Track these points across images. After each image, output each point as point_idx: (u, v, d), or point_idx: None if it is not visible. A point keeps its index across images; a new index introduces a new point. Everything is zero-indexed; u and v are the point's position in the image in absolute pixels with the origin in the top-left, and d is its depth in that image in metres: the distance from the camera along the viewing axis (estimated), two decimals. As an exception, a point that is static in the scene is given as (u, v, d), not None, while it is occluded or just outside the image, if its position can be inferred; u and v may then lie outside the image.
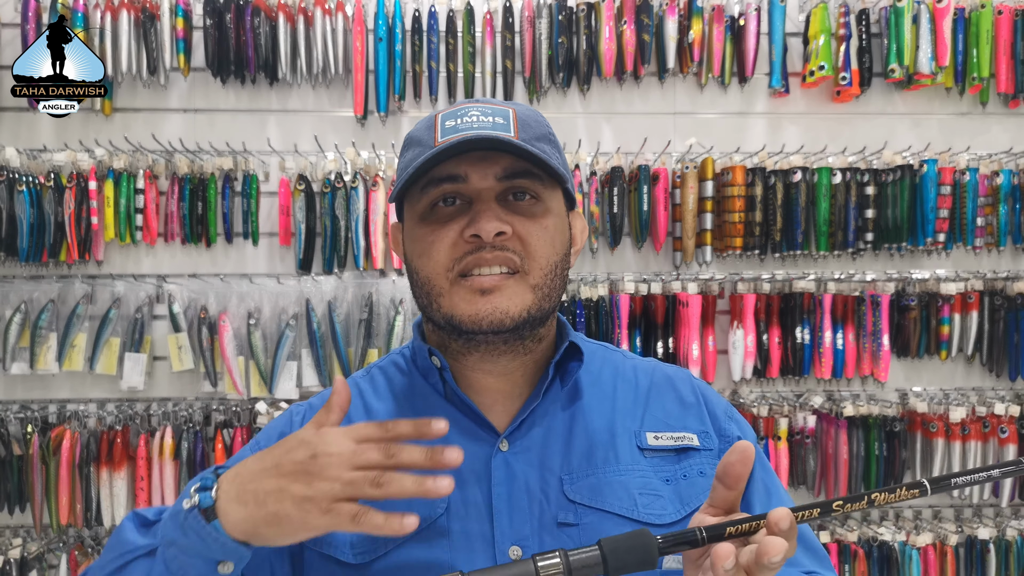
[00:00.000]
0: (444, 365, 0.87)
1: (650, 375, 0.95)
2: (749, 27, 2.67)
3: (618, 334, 2.59)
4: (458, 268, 0.81)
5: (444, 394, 0.88)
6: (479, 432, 0.86)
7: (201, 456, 2.53)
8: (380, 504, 0.79)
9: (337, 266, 2.60)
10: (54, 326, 2.58)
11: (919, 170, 2.66)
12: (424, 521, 0.80)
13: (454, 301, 0.81)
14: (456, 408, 0.87)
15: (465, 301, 0.81)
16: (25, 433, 2.53)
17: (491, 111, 0.83)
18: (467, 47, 2.64)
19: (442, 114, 0.84)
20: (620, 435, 0.88)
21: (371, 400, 0.91)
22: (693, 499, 0.85)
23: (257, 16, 2.55)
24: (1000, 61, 2.71)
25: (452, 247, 0.81)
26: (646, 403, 0.91)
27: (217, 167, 2.60)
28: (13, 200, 2.49)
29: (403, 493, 0.65)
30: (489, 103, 0.85)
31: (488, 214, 0.79)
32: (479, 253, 0.80)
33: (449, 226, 0.81)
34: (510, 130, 0.81)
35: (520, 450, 0.85)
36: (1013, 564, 2.66)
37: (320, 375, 2.61)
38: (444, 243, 0.81)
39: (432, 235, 0.81)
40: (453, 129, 0.81)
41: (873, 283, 2.72)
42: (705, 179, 2.63)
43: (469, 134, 0.79)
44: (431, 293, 0.83)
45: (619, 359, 0.97)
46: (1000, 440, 2.64)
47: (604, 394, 0.91)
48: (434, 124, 0.84)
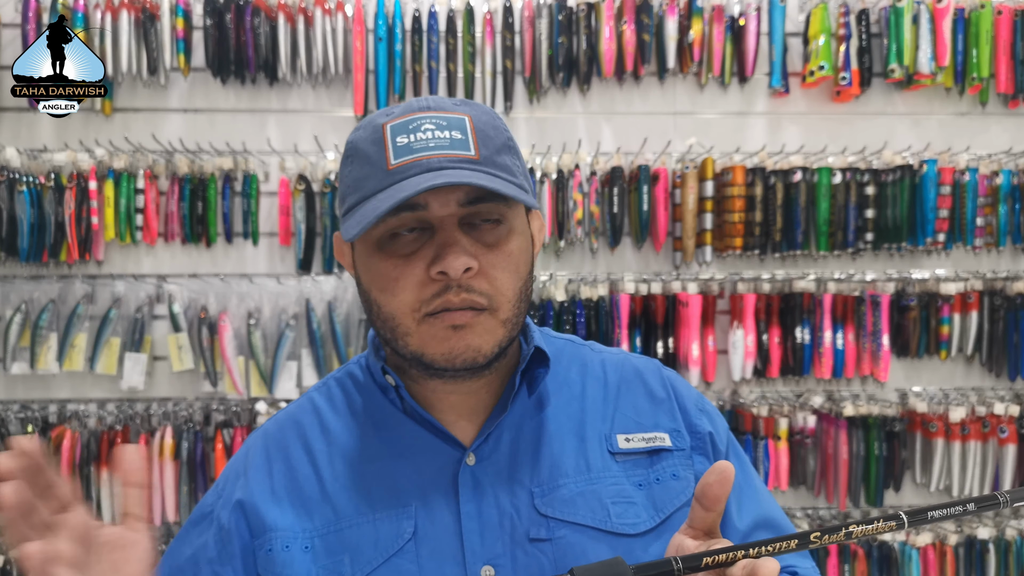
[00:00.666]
0: (399, 383, 0.82)
1: (619, 369, 0.91)
2: (749, 27, 2.67)
3: (618, 334, 2.59)
4: (425, 309, 0.76)
5: (403, 409, 0.84)
6: (443, 447, 0.82)
7: (201, 456, 2.53)
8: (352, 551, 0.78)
9: (337, 266, 2.60)
10: (54, 326, 2.58)
11: (919, 170, 2.66)
12: (391, 547, 0.78)
13: (424, 340, 0.76)
14: (417, 423, 0.83)
15: (436, 340, 0.76)
16: (25, 433, 2.54)
17: (446, 123, 0.76)
18: (467, 47, 2.64)
19: (391, 125, 0.76)
20: (590, 440, 0.84)
21: (328, 418, 0.87)
22: (667, 504, 0.82)
23: (257, 16, 2.55)
24: (1000, 61, 2.71)
25: (418, 286, 0.75)
26: (616, 401, 0.88)
27: (217, 167, 2.60)
28: (13, 200, 2.49)
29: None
30: (442, 111, 0.77)
31: (455, 248, 0.73)
32: (446, 296, 0.74)
33: (413, 262, 0.75)
34: (469, 146, 0.75)
35: (488, 464, 0.81)
36: (1013, 564, 2.66)
37: (320, 375, 2.61)
38: (409, 281, 0.75)
39: (395, 271, 0.76)
40: (407, 148, 0.74)
41: (873, 283, 2.72)
42: (705, 179, 2.63)
43: (425, 156, 0.74)
44: (396, 330, 0.78)
45: (587, 354, 0.93)
46: (1000, 440, 2.65)
47: (572, 395, 0.87)
48: (383, 139, 0.76)
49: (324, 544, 0.79)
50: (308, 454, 0.84)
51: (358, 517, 0.79)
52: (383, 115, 0.79)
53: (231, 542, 0.81)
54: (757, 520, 0.85)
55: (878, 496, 2.66)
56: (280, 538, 0.79)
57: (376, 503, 0.80)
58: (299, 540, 0.79)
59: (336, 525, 0.79)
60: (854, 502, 2.67)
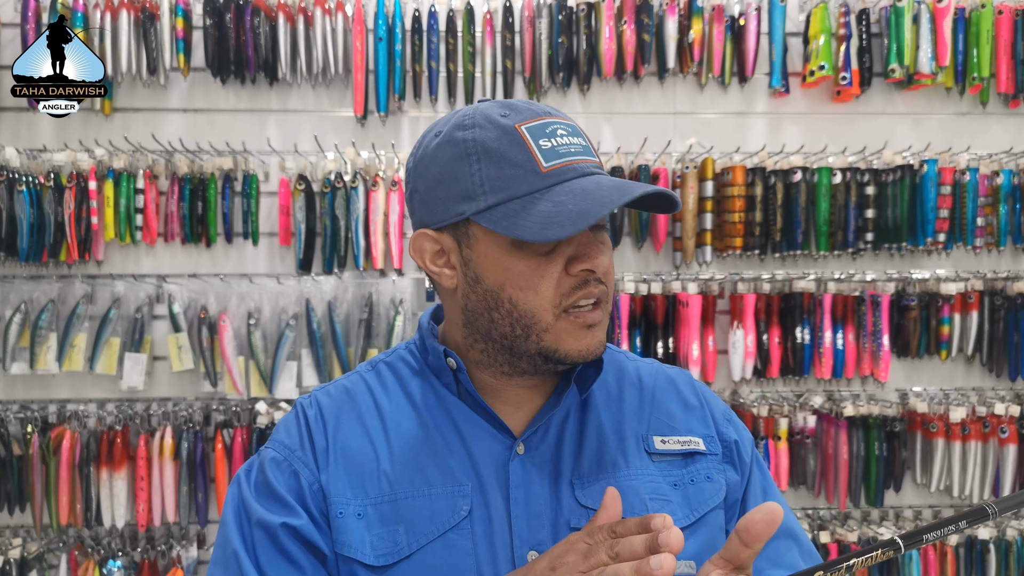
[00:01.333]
0: (460, 367, 0.85)
1: (653, 377, 0.95)
2: (749, 27, 2.67)
3: (618, 334, 2.59)
4: (565, 303, 0.79)
5: (458, 394, 0.87)
6: (495, 434, 0.85)
7: (201, 456, 2.53)
8: (407, 522, 0.80)
9: (337, 266, 2.60)
10: (54, 326, 2.58)
11: (919, 170, 2.65)
12: (448, 522, 0.80)
13: (560, 336, 0.80)
14: (471, 408, 0.86)
15: (573, 337, 0.80)
16: (25, 433, 2.54)
17: (570, 128, 0.80)
18: (467, 47, 2.64)
19: (526, 128, 0.78)
20: (628, 439, 0.88)
21: (380, 396, 0.89)
22: (701, 504, 0.86)
23: (257, 16, 2.55)
24: (1000, 61, 2.71)
25: (558, 282, 0.79)
26: (651, 405, 0.92)
27: (217, 167, 2.60)
28: (13, 200, 2.49)
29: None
30: (561, 116, 0.81)
31: (599, 247, 0.80)
32: (587, 288, 0.79)
33: (553, 260, 0.79)
34: (592, 153, 0.81)
35: (535, 454, 0.85)
36: (1013, 564, 2.66)
37: (320, 375, 2.61)
38: (552, 278, 0.79)
39: (539, 269, 0.79)
40: (554, 152, 0.78)
41: (873, 283, 2.72)
42: (705, 179, 2.63)
43: (574, 161, 0.78)
44: (532, 327, 0.80)
45: (623, 360, 0.97)
46: (1000, 440, 2.64)
47: (611, 397, 0.91)
48: (523, 140, 0.78)
49: (378, 513, 0.81)
50: (362, 426, 0.86)
51: (413, 490, 0.82)
52: (502, 113, 0.80)
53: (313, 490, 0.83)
54: (779, 531, 0.87)
55: (878, 496, 2.66)
56: (334, 504, 0.81)
57: (431, 479, 0.82)
58: (352, 507, 0.81)
59: (391, 496, 0.82)
60: (854, 502, 2.67)
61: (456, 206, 0.80)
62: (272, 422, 2.53)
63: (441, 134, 0.82)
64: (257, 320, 2.58)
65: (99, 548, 2.60)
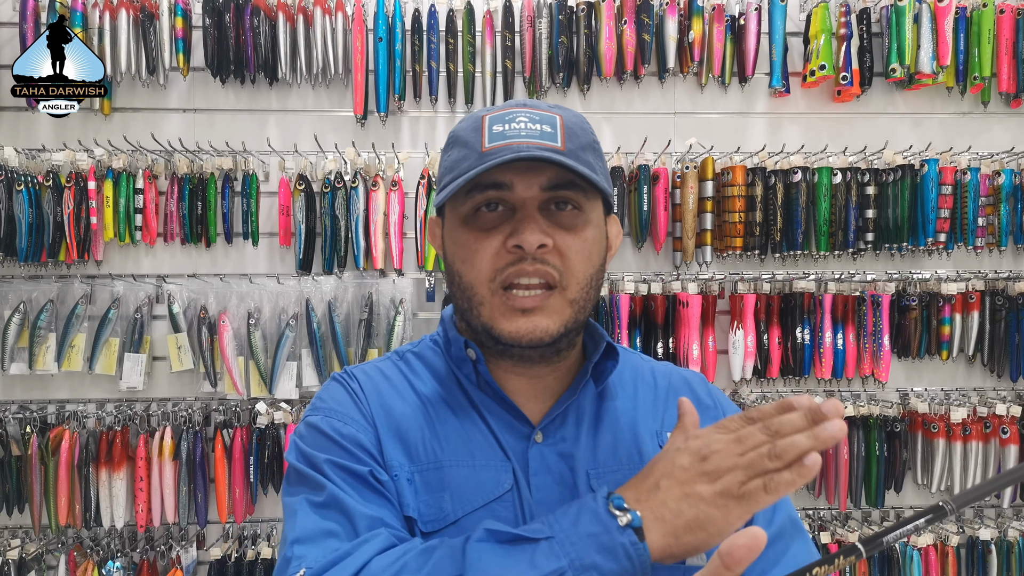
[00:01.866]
0: (480, 357, 0.88)
1: (668, 377, 0.98)
2: (749, 27, 2.66)
3: (618, 334, 2.59)
4: (500, 279, 0.82)
5: (477, 384, 0.90)
6: (514, 423, 0.88)
7: (200, 456, 2.53)
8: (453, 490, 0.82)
9: (337, 266, 2.60)
10: (53, 326, 2.58)
11: (920, 170, 2.65)
12: (493, 492, 0.84)
13: (494, 314, 0.83)
14: (490, 398, 0.90)
15: (505, 317, 0.82)
16: (24, 433, 2.53)
17: (539, 117, 0.83)
18: (467, 47, 2.64)
19: (489, 116, 0.84)
20: (643, 435, 0.90)
21: (414, 381, 0.93)
22: None
23: (257, 16, 2.55)
24: (1001, 60, 2.71)
25: (495, 256, 0.82)
26: (665, 405, 0.94)
27: (217, 167, 2.60)
28: (12, 200, 2.48)
29: (801, 451, 0.65)
30: (537, 108, 0.85)
31: (531, 225, 0.80)
32: (520, 265, 0.81)
33: (492, 235, 0.82)
34: (557, 139, 0.82)
35: (553, 442, 0.87)
36: (1015, 565, 2.66)
37: (320, 375, 2.61)
38: (487, 252, 0.82)
39: (476, 242, 0.83)
40: (500, 135, 0.81)
41: (873, 283, 2.71)
42: (705, 179, 2.62)
43: (516, 142, 0.80)
44: (472, 299, 0.84)
45: (637, 360, 1.00)
46: (1001, 440, 2.64)
47: (627, 394, 0.94)
48: (481, 126, 0.84)
49: (424, 480, 0.84)
50: (401, 400, 0.90)
51: (457, 460, 0.85)
52: (485, 110, 0.87)
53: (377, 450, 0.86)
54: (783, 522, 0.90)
55: (879, 497, 2.66)
56: (390, 467, 0.85)
57: (475, 451, 0.86)
58: (404, 471, 0.85)
59: (436, 463, 0.85)
60: (855, 503, 2.67)
61: (438, 193, 0.87)
62: (272, 422, 2.53)
63: None
64: (257, 320, 2.58)
65: (98, 549, 2.59)
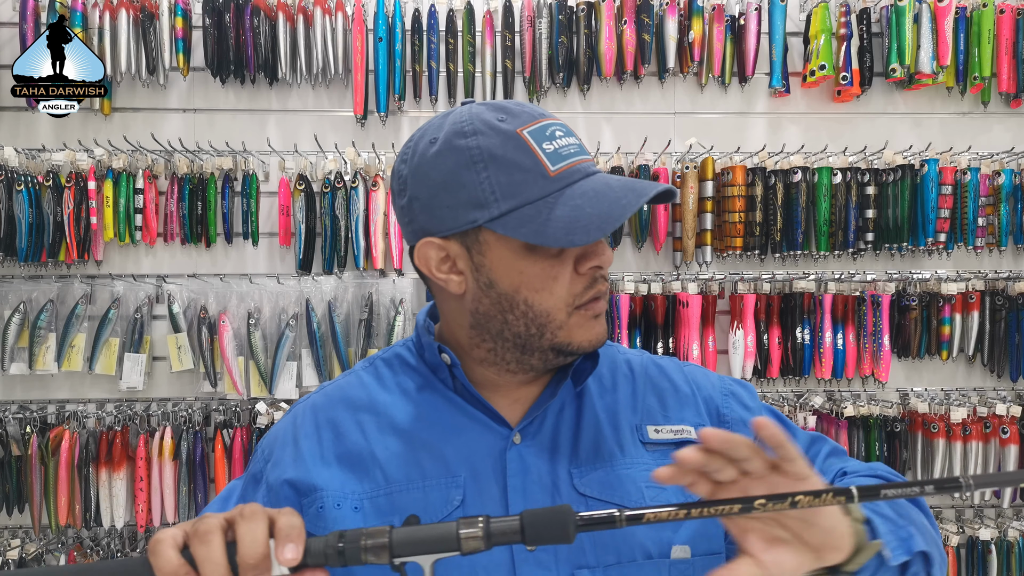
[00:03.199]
0: (455, 362, 0.88)
1: (643, 367, 0.97)
2: (749, 27, 2.66)
3: (618, 334, 2.59)
4: (578, 302, 0.83)
5: (454, 389, 0.90)
6: (492, 425, 0.87)
7: (200, 457, 2.53)
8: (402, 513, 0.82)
9: (337, 266, 2.60)
10: (53, 326, 2.58)
11: (920, 170, 2.65)
12: (440, 512, 0.82)
13: (572, 330, 0.83)
14: (467, 402, 0.89)
15: (584, 329, 0.84)
16: (24, 433, 2.53)
17: (564, 129, 0.83)
18: (467, 47, 2.64)
19: (528, 132, 0.80)
20: (623, 429, 0.89)
21: (376, 392, 0.92)
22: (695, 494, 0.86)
23: (257, 16, 2.55)
24: (1001, 60, 2.71)
25: (571, 282, 0.82)
26: (644, 396, 0.93)
27: (217, 167, 2.60)
28: (12, 200, 2.48)
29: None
30: (551, 117, 0.84)
31: (603, 244, 0.83)
32: (597, 286, 0.83)
33: (564, 261, 0.82)
34: (585, 150, 0.84)
35: (532, 444, 0.87)
36: (1015, 565, 2.66)
37: (320, 375, 2.61)
38: (564, 279, 0.82)
39: (551, 270, 0.81)
40: (557, 155, 0.80)
41: (873, 283, 2.71)
42: (705, 179, 2.62)
43: (577, 162, 0.81)
44: (547, 325, 0.83)
45: (614, 353, 0.99)
46: (1001, 441, 2.64)
47: (604, 388, 0.93)
48: (527, 145, 0.79)
49: (374, 506, 0.83)
50: (358, 424, 0.89)
51: (408, 483, 0.84)
52: (499, 118, 0.81)
53: (278, 501, 0.86)
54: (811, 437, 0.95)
55: (879, 497, 2.65)
56: (331, 497, 0.84)
57: (426, 471, 0.85)
58: (349, 500, 0.84)
59: (386, 489, 0.84)
60: (855, 503, 2.66)
61: (466, 214, 0.80)
62: (272, 422, 2.53)
63: (438, 140, 0.81)
64: (257, 320, 2.58)
65: (98, 549, 2.59)
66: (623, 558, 0.82)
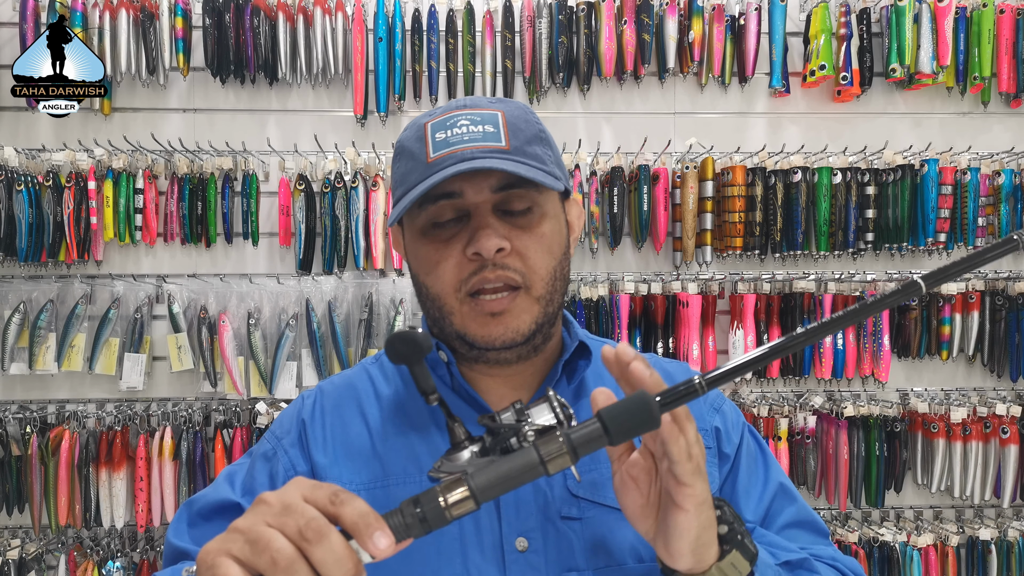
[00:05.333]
0: (451, 360, 0.88)
1: None
2: (749, 27, 2.66)
3: (618, 334, 2.59)
4: (465, 288, 0.82)
5: (451, 386, 0.90)
6: None
7: (201, 456, 2.53)
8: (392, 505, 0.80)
9: (337, 266, 2.60)
10: (53, 326, 2.58)
11: (920, 170, 2.65)
12: None
13: (465, 321, 0.84)
14: (463, 399, 0.89)
15: (476, 323, 0.83)
16: (24, 433, 2.53)
17: (480, 118, 0.83)
18: (467, 47, 2.64)
19: (431, 124, 0.84)
20: None
21: (381, 386, 0.93)
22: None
23: (257, 16, 2.55)
24: (1002, 60, 2.71)
25: (457, 266, 0.82)
26: None
27: (217, 167, 2.60)
28: (12, 200, 2.48)
29: None
30: (477, 108, 0.85)
31: (487, 231, 0.80)
32: (482, 273, 0.81)
33: (451, 244, 0.82)
34: (500, 139, 0.82)
35: None
36: (1015, 565, 2.66)
37: (320, 375, 2.61)
38: (449, 263, 0.82)
39: (436, 254, 0.83)
40: (444, 143, 0.82)
41: (874, 283, 2.71)
42: (705, 179, 2.62)
43: (459, 149, 0.81)
44: (443, 309, 0.85)
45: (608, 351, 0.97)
46: (1001, 441, 2.64)
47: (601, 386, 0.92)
48: (424, 135, 0.84)
49: (371, 498, 0.83)
50: (361, 415, 0.91)
51: (405, 476, 0.85)
52: (426, 115, 0.86)
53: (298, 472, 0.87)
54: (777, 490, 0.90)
55: (879, 497, 2.66)
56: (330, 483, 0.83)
57: (424, 466, 0.85)
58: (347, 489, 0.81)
59: (384, 481, 0.85)
60: (855, 503, 2.67)
61: (393, 207, 0.88)
62: (272, 422, 2.53)
63: None
64: (257, 320, 2.58)
65: (98, 549, 2.59)
66: (613, 561, 0.82)
